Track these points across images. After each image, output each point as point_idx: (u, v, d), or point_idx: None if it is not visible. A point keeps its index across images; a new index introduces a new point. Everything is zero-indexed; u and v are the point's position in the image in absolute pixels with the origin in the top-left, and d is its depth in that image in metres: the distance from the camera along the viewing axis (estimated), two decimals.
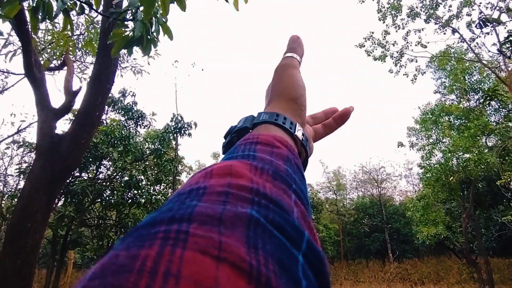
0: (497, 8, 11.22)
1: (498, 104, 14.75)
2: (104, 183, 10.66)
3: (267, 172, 0.31)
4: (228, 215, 0.24)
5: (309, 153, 0.50)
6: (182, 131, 12.24)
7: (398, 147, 18.05)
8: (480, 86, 15.46)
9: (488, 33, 11.81)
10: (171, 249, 0.20)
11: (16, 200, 8.46)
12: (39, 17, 2.53)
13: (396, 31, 14.21)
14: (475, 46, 13.48)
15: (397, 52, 14.47)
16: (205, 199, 0.26)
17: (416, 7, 13.46)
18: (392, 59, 14.59)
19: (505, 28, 9.10)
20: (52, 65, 6.40)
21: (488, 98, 9.19)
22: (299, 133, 0.46)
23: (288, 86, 0.50)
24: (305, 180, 0.37)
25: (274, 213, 0.26)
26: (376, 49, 14.79)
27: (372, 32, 14.70)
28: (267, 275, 0.21)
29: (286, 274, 0.22)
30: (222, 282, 0.19)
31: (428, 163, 16.19)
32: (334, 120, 0.62)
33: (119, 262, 0.20)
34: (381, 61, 14.73)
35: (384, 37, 14.45)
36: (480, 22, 8.31)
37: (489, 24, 8.51)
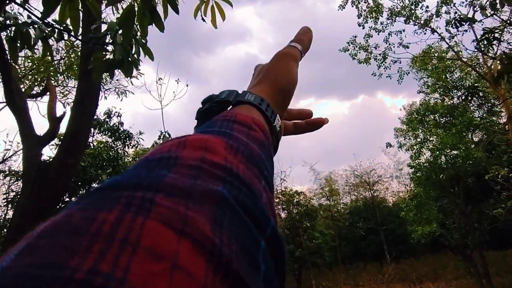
0: (472, 5, 11.47)
1: (480, 99, 15.03)
2: None
3: (242, 153, 0.30)
4: (198, 190, 0.23)
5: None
6: None
7: (387, 147, 18.21)
8: (462, 83, 15.75)
9: (466, 31, 12.05)
10: (132, 216, 0.19)
11: (5, 230, 8.29)
12: (18, 46, 2.52)
13: (378, 34, 14.43)
14: (454, 44, 13.76)
15: (379, 55, 14.67)
16: (176, 170, 0.25)
17: (396, 7, 13.68)
18: (376, 61, 14.78)
19: (481, 25, 9.30)
20: (34, 92, 6.35)
21: (470, 94, 9.35)
22: (277, 124, 0.45)
23: (282, 76, 0.49)
24: (273, 168, 0.37)
25: (244, 196, 0.25)
26: (359, 53, 14.98)
27: (355, 36, 14.89)
28: (228, 256, 0.20)
29: (247, 258, 0.22)
30: (182, 257, 0.18)
31: (417, 162, 16.35)
32: (307, 124, 0.61)
33: (72, 223, 0.19)
34: (366, 64, 14.90)
35: (367, 40, 14.65)
36: (456, 22, 8.51)
37: (464, 23, 8.71)
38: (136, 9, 2.09)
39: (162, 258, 0.18)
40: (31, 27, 2.46)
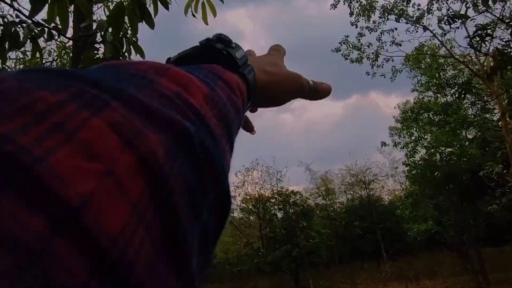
0: (464, 2, 11.52)
1: (474, 97, 15.12)
2: None
3: (218, 110, 0.28)
4: (163, 116, 0.21)
5: None
6: None
7: (382, 146, 18.26)
8: (455, 81, 15.83)
9: (458, 28, 12.12)
10: (77, 107, 0.17)
11: None
12: (6, 46, 2.49)
13: (370, 33, 14.46)
14: (447, 42, 13.83)
15: (372, 53, 14.70)
16: (145, 92, 0.22)
17: (388, 6, 13.71)
18: (369, 60, 14.80)
19: (473, 22, 9.35)
20: None
21: (463, 91, 9.40)
22: (247, 110, 0.44)
23: (280, 92, 0.47)
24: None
25: (210, 144, 0.24)
26: (352, 52, 15.00)
27: (347, 36, 14.91)
28: (171, 189, 0.19)
29: (191, 200, 0.20)
30: (121, 168, 0.16)
31: (412, 160, 16.43)
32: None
33: (1, 87, 0.17)
34: (358, 63, 14.92)
35: (359, 39, 14.68)
36: (449, 19, 8.54)
37: (457, 19, 8.75)
38: (125, 6, 2.06)
39: (98, 159, 0.16)
40: (19, 26, 2.42)
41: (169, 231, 0.18)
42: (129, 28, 2.45)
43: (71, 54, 5.34)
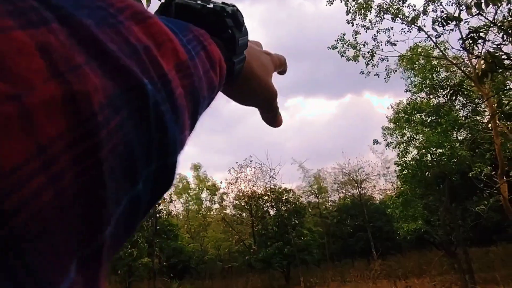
0: (458, 4, 11.63)
1: (465, 99, 15.30)
2: None
3: (190, 82, 0.24)
4: (117, 62, 0.17)
5: None
6: None
7: (374, 144, 18.42)
8: (448, 82, 15.98)
9: (452, 30, 12.22)
10: (5, 13, 0.14)
11: None
12: None
13: (366, 32, 14.52)
14: (440, 43, 13.95)
15: (368, 52, 14.76)
16: (106, 30, 0.18)
17: (384, 5, 13.77)
18: (364, 59, 14.86)
19: (467, 24, 9.47)
20: None
21: (454, 93, 9.53)
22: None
23: (252, 94, 0.44)
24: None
25: (167, 111, 0.20)
26: (348, 50, 15.05)
27: (344, 34, 14.94)
28: (99, 142, 0.15)
29: (125, 164, 0.17)
30: (34, 98, 0.13)
31: (404, 160, 16.58)
32: None
33: None
34: (355, 61, 14.97)
35: (355, 38, 14.73)
36: (442, 21, 8.65)
37: (450, 22, 8.86)
38: None
39: (7, 78, 0.13)
40: None
41: (87, 191, 0.15)
42: None
43: None
